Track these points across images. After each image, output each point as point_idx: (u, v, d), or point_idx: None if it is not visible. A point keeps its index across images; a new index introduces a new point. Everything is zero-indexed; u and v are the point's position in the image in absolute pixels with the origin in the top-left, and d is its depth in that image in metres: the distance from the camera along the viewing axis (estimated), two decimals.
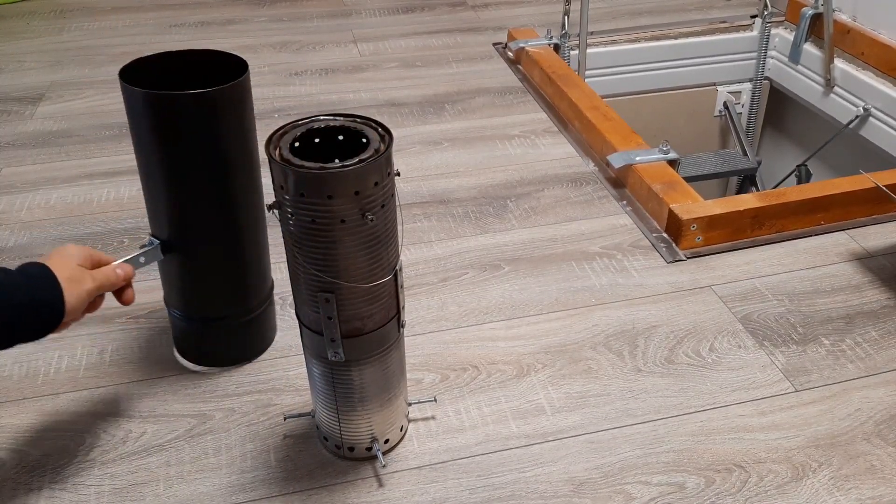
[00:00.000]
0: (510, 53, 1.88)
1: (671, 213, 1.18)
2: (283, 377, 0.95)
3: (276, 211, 0.69)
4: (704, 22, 2.04)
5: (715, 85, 2.10)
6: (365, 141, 0.69)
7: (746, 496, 0.80)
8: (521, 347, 1.00)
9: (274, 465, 0.84)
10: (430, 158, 1.44)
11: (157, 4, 2.20)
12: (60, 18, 2.12)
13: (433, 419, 0.89)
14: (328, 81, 1.75)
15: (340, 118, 0.72)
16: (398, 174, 0.70)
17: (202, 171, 0.83)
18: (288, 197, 0.66)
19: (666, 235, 1.20)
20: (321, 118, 0.72)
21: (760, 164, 2.01)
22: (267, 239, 0.94)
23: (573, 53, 1.87)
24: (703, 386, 0.93)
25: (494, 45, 1.94)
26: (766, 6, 1.98)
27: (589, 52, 1.84)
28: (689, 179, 1.47)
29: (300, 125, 0.71)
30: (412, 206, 1.30)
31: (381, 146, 0.68)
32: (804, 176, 2.03)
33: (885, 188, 1.20)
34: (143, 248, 0.86)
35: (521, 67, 1.81)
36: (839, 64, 1.87)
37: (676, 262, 1.15)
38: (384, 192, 0.68)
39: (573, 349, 0.99)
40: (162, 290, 0.94)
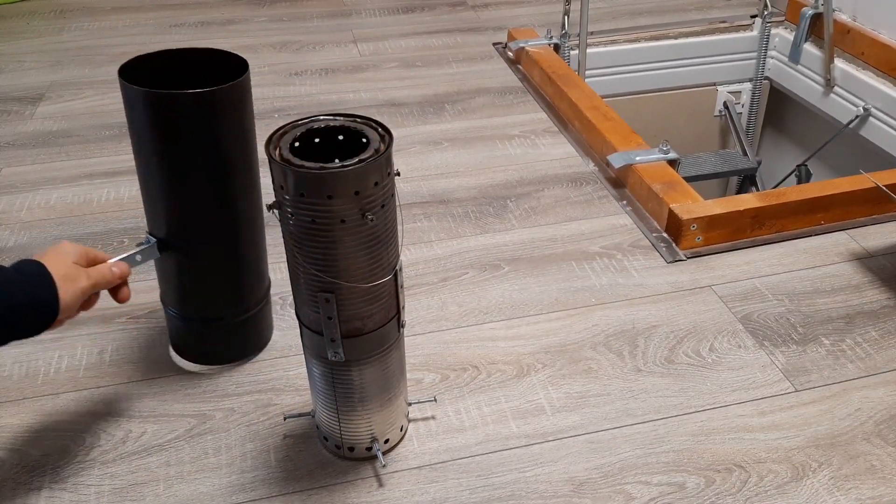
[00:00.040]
0: (510, 53, 1.88)
1: (671, 213, 1.18)
2: (283, 377, 0.95)
3: (276, 211, 0.69)
4: (704, 22, 2.04)
5: (715, 85, 2.10)
6: (365, 141, 0.69)
7: (746, 496, 0.80)
8: (521, 347, 1.00)
9: (274, 465, 0.84)
10: (430, 158, 1.44)
11: (157, 4, 2.20)
12: (60, 18, 2.12)
13: (433, 419, 0.89)
14: (328, 81, 1.75)
15: (340, 118, 0.72)
16: (398, 174, 0.70)
17: (201, 169, 0.83)
18: (288, 197, 0.66)
19: (666, 235, 1.20)
20: (321, 118, 0.72)
21: (760, 164, 2.01)
22: (265, 237, 0.93)
23: (573, 53, 1.87)
24: (703, 386, 0.93)
25: (494, 45, 1.94)
26: (766, 6, 1.98)
27: (589, 52, 1.84)
28: (689, 179, 1.47)
29: (300, 125, 0.71)
30: (412, 206, 1.30)
31: (381, 146, 0.68)
32: (804, 176, 2.03)
33: (885, 188, 1.20)
34: (139, 245, 0.86)
35: (521, 67, 1.81)
36: (839, 64, 1.87)
37: (676, 262, 1.15)
38: (384, 192, 0.68)
39: (573, 349, 0.99)
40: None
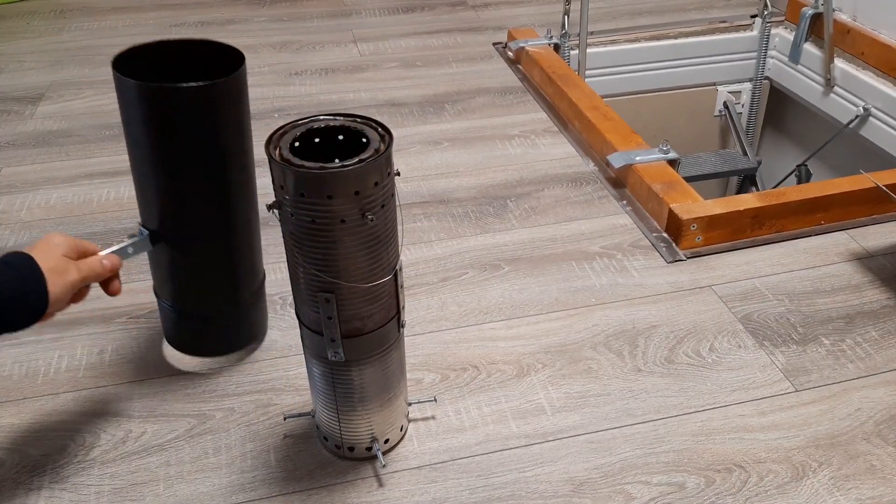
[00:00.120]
0: (510, 53, 1.88)
1: (671, 212, 1.18)
2: (283, 377, 0.95)
3: (276, 211, 0.69)
4: (704, 22, 2.04)
5: (715, 85, 2.10)
6: (365, 141, 0.69)
7: (746, 496, 0.80)
8: (521, 347, 1.00)
9: (274, 465, 0.84)
10: (430, 158, 1.44)
11: (157, 4, 2.20)
12: (60, 18, 2.12)
13: (433, 419, 0.89)
14: (328, 81, 1.75)
15: (340, 118, 0.72)
16: (398, 174, 0.70)
17: (195, 162, 0.81)
18: (288, 197, 0.66)
19: (666, 235, 1.20)
20: (321, 118, 0.72)
21: (760, 164, 2.01)
22: (259, 230, 0.92)
23: (573, 53, 1.87)
24: (703, 386, 0.93)
25: (494, 45, 1.94)
26: (766, 6, 1.98)
27: (589, 52, 1.84)
28: (689, 179, 1.47)
29: (300, 125, 0.71)
30: (412, 206, 1.30)
31: (381, 146, 0.68)
32: (804, 176, 2.03)
33: (885, 188, 1.20)
34: (131, 238, 0.84)
35: (521, 67, 1.81)
36: (839, 64, 1.87)
37: (676, 261, 1.15)
38: (384, 192, 0.68)
39: (573, 349, 0.99)
40: None
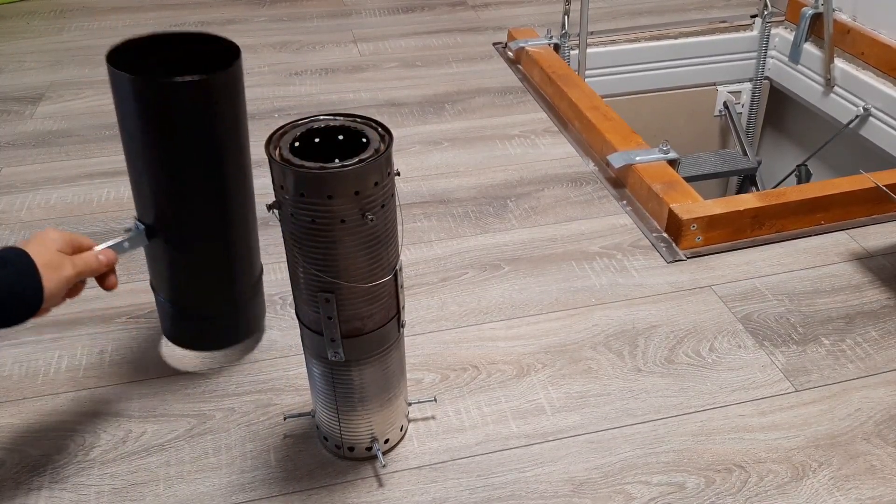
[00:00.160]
0: (510, 53, 1.88)
1: (671, 212, 1.18)
2: (283, 377, 0.95)
3: (276, 211, 0.69)
4: (704, 22, 2.04)
5: (715, 85, 2.10)
6: (365, 141, 0.69)
7: (746, 496, 0.80)
8: (521, 347, 1.00)
9: (274, 465, 0.84)
10: (430, 158, 1.44)
11: (157, 4, 2.20)
12: (60, 18, 2.12)
13: (433, 419, 0.89)
14: (328, 81, 1.75)
15: (340, 118, 0.72)
16: (398, 174, 0.70)
17: (191, 156, 0.80)
18: (288, 197, 0.66)
19: (666, 235, 1.20)
20: (321, 118, 0.72)
21: (760, 164, 2.01)
22: (256, 223, 0.92)
23: (573, 53, 1.87)
24: (703, 386, 0.93)
25: (494, 45, 1.94)
26: (766, 6, 1.98)
27: (589, 52, 1.84)
28: (689, 179, 1.47)
29: (300, 125, 0.71)
30: (412, 206, 1.30)
31: (381, 146, 0.68)
32: (804, 176, 2.03)
33: (885, 188, 1.20)
34: (127, 232, 0.83)
35: (521, 67, 1.81)
36: (839, 64, 1.87)
37: (676, 261, 1.15)
38: (384, 192, 0.68)
39: (573, 349, 0.99)
40: None
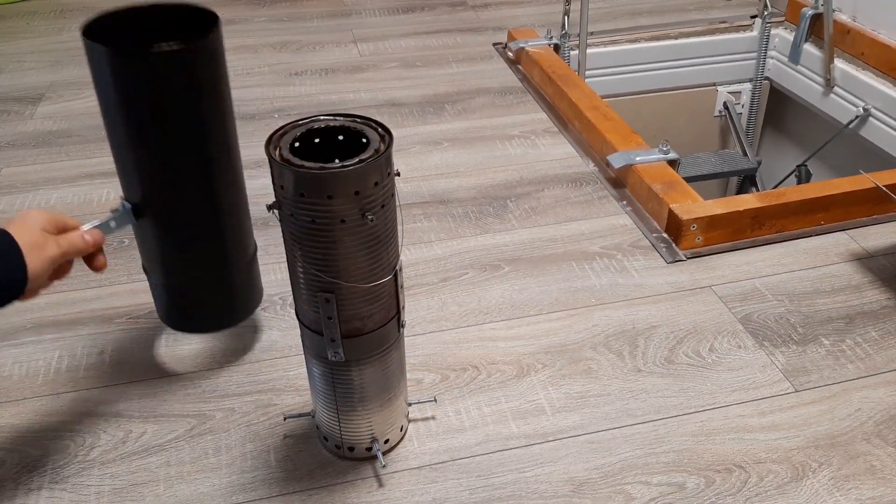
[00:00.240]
0: (510, 53, 1.88)
1: (671, 213, 1.18)
2: (283, 377, 0.95)
3: (275, 211, 0.69)
4: (704, 22, 2.04)
5: (715, 85, 2.10)
6: (365, 141, 0.69)
7: (746, 496, 0.80)
8: (521, 347, 1.00)
9: (274, 465, 0.84)
10: (430, 158, 1.44)
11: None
12: (60, 18, 2.12)
13: (433, 419, 0.89)
14: (328, 81, 1.75)
15: (340, 118, 0.72)
16: (398, 174, 0.70)
17: (174, 130, 0.78)
18: (288, 197, 0.66)
19: (666, 235, 1.20)
20: (321, 118, 0.72)
21: (760, 164, 2.01)
22: (247, 199, 0.89)
23: (573, 53, 1.87)
24: (703, 386, 0.93)
25: (494, 45, 1.94)
26: (766, 6, 1.98)
27: (589, 52, 1.84)
28: (689, 179, 1.47)
29: (300, 125, 0.71)
30: (412, 206, 1.30)
31: (381, 146, 0.68)
32: (804, 176, 2.03)
33: (885, 188, 1.20)
34: (114, 211, 0.82)
35: (521, 67, 1.81)
36: (839, 64, 1.87)
37: (676, 262, 1.15)
38: (384, 192, 0.68)
39: (573, 349, 0.99)
40: None
